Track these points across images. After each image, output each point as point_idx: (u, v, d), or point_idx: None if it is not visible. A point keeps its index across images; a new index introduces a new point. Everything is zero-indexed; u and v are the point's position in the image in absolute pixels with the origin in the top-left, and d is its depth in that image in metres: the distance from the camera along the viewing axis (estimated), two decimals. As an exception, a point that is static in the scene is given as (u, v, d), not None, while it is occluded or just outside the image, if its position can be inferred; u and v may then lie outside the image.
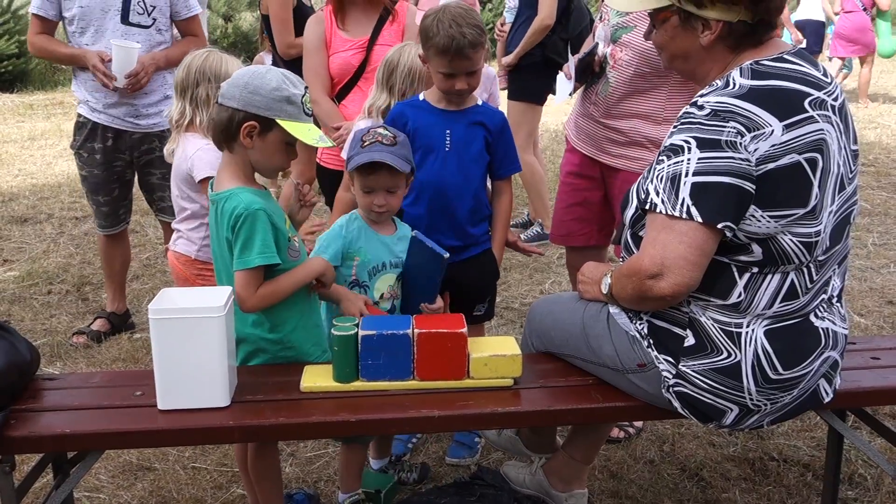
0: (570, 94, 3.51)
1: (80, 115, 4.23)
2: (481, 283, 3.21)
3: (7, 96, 12.59)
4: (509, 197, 3.21)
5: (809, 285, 2.25)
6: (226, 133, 2.49)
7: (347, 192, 3.13)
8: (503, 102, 5.50)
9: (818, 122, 2.18)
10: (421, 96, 3.10)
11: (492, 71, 3.54)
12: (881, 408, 3.57)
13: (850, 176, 2.29)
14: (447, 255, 2.73)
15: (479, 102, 3.12)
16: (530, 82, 5.67)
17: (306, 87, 2.51)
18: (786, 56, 2.26)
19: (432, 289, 2.82)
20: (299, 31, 5.27)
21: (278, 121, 2.45)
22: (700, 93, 2.27)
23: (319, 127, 3.70)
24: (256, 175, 2.62)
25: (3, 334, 2.45)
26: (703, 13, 2.24)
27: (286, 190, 2.97)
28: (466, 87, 2.94)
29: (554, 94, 5.73)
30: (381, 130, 2.71)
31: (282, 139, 2.50)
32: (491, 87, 3.57)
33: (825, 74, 2.28)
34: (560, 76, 3.54)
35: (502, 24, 6.04)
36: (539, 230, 5.96)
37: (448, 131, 3.02)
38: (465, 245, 3.09)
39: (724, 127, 2.13)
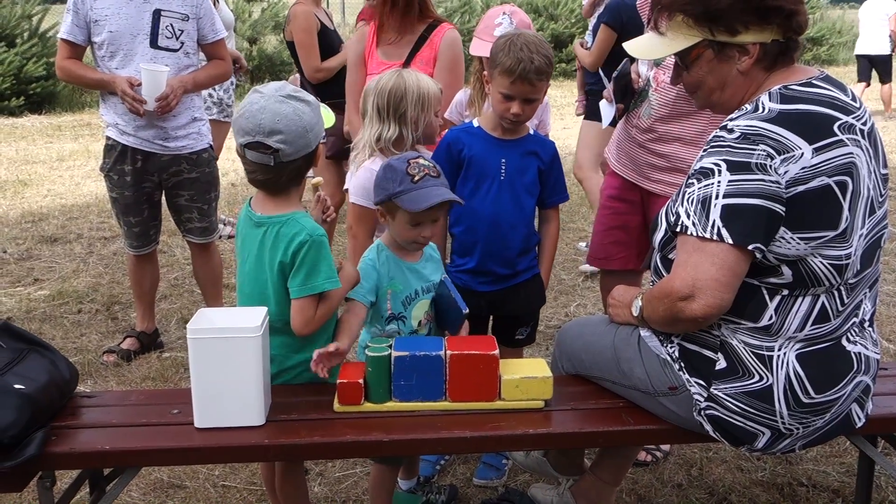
0: (615, 118, 3.52)
1: (108, 138, 4.28)
2: (527, 308, 3.24)
3: (35, 118, 12.77)
4: (557, 224, 3.26)
5: (840, 308, 2.26)
6: (304, 172, 2.55)
7: (371, 240, 3.09)
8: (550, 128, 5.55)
9: (847, 145, 2.20)
10: (475, 122, 3.12)
11: (545, 99, 3.56)
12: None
13: (881, 200, 2.31)
14: (466, 310, 2.71)
15: (531, 132, 3.14)
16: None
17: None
18: (814, 81, 2.29)
19: (454, 326, 2.80)
20: (325, 54, 5.36)
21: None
22: (730, 117, 2.30)
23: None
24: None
25: (43, 352, 2.50)
26: (737, 40, 2.27)
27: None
28: (521, 114, 2.96)
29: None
30: (422, 161, 2.68)
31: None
32: (543, 114, 3.59)
33: (854, 99, 2.31)
34: (602, 102, 3.56)
35: (582, 46, 6.07)
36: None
37: (503, 160, 3.04)
38: (514, 273, 3.12)
39: (754, 150, 2.16)
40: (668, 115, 3.22)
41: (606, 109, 3.50)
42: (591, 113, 5.82)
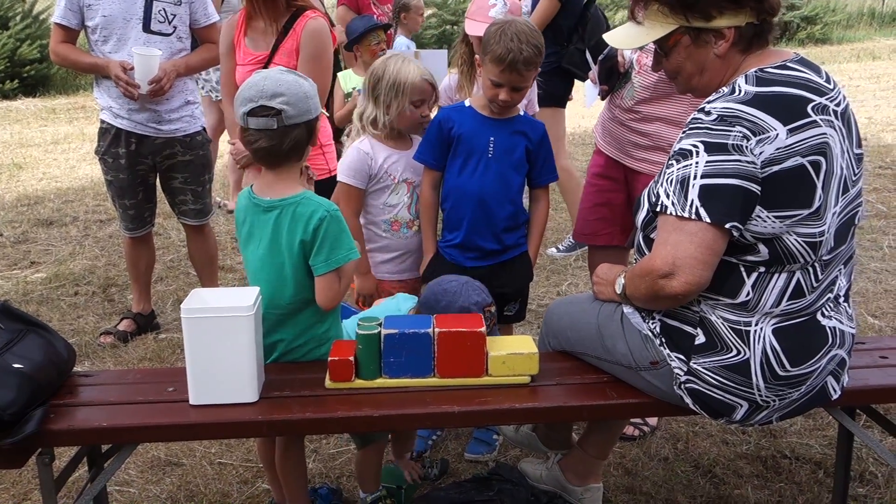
0: (600, 97, 3.58)
1: (103, 122, 4.32)
2: (514, 285, 3.29)
3: (30, 100, 12.74)
4: (546, 204, 3.32)
5: (815, 284, 2.32)
6: (304, 144, 2.60)
7: (357, 218, 3.22)
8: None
9: (821, 126, 2.25)
10: (466, 102, 3.19)
11: None
12: (890, 407, 3.63)
13: (854, 179, 2.37)
14: None
15: (521, 112, 3.20)
16: (549, 86, 5.61)
17: None
18: (789, 63, 2.35)
19: None
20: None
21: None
22: (707, 99, 2.35)
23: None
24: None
25: (41, 332, 2.56)
26: (712, 25, 2.32)
27: None
28: (509, 100, 3.03)
29: (571, 99, 5.77)
30: (493, 310, 2.84)
31: None
32: (529, 93, 3.63)
33: (828, 80, 2.36)
34: (587, 83, 3.63)
35: None
36: (573, 240, 5.83)
37: (492, 138, 3.10)
38: (502, 249, 3.19)
39: (731, 131, 2.21)
40: (651, 98, 3.29)
41: (590, 90, 3.56)
42: (541, 98, 5.74)
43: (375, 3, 6.32)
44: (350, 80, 5.26)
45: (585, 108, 5.39)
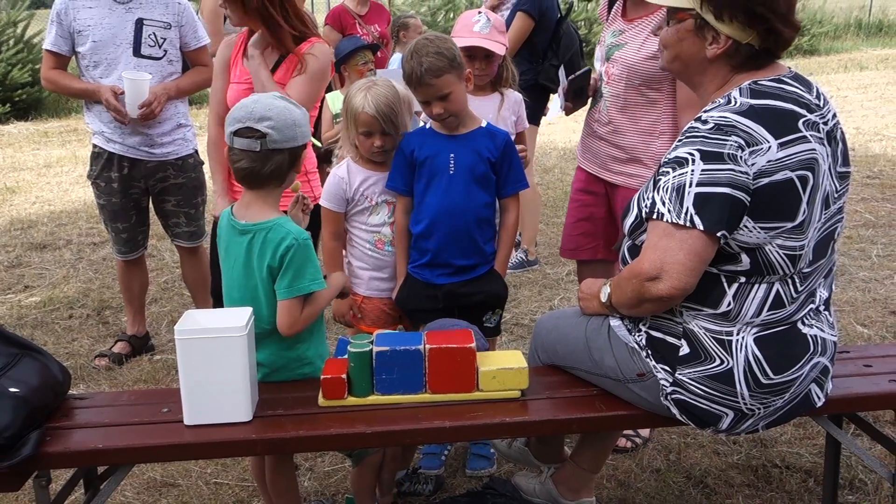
0: (561, 111, 3.63)
1: (95, 146, 4.36)
2: (486, 297, 3.23)
3: (22, 124, 12.77)
4: (515, 214, 3.25)
5: (795, 295, 2.37)
6: (286, 170, 2.64)
7: (336, 241, 3.26)
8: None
9: (810, 142, 2.30)
10: (428, 124, 3.21)
11: (518, 95, 3.64)
12: (881, 416, 3.67)
13: (836, 196, 2.42)
14: None
15: (484, 124, 3.18)
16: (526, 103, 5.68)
17: None
18: (783, 78, 2.39)
19: None
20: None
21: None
22: (704, 109, 2.40)
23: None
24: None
25: (36, 356, 2.58)
26: (717, 26, 2.35)
27: None
28: (443, 112, 3.04)
29: (546, 113, 5.83)
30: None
31: None
32: (518, 110, 3.67)
33: (818, 97, 2.40)
34: (556, 95, 3.70)
35: None
36: (524, 257, 5.87)
37: (452, 155, 3.11)
38: (475, 264, 3.17)
39: (727, 140, 2.26)
40: (623, 106, 3.37)
41: (555, 103, 3.63)
42: None
43: (361, 23, 6.37)
44: (338, 101, 5.30)
45: (547, 118, 5.50)
